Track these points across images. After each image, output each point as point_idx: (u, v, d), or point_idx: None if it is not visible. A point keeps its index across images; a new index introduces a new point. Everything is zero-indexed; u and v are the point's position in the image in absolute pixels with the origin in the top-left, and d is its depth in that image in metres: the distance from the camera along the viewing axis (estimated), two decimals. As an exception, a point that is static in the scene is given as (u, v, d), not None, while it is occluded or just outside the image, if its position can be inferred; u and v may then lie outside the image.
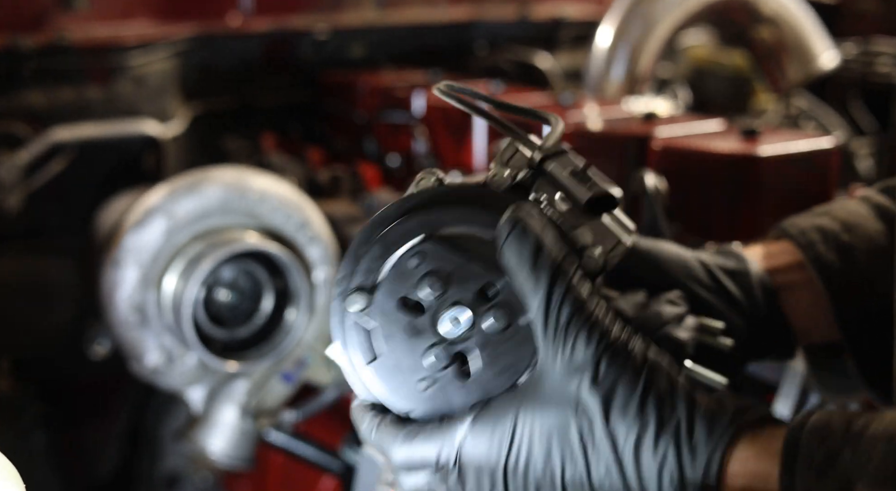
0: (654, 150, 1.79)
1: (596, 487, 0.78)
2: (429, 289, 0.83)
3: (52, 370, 2.19)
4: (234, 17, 2.45)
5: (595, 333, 0.78)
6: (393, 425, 0.85)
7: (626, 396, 0.77)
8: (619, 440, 0.77)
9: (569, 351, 0.78)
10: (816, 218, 1.23)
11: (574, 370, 0.78)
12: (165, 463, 2.30)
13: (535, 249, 0.80)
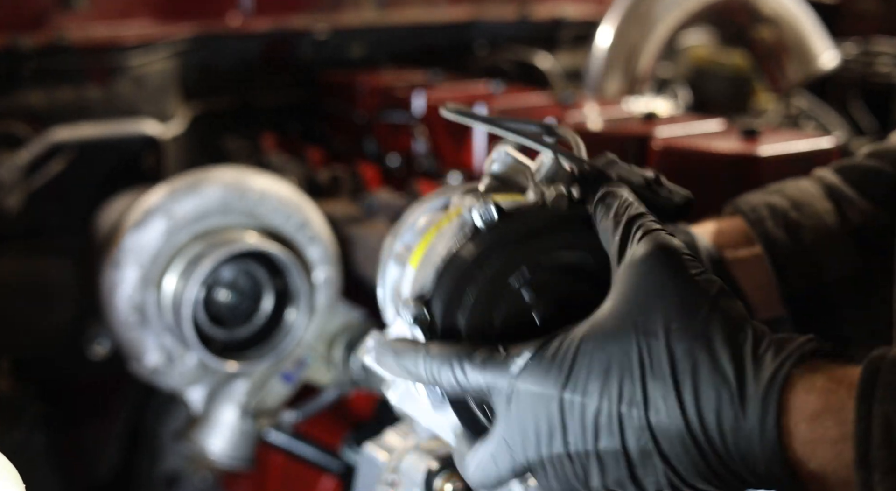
0: (654, 150, 1.79)
1: (651, 416, 0.72)
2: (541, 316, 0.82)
3: (52, 370, 2.19)
4: (234, 17, 2.45)
5: (665, 258, 0.75)
6: (447, 348, 0.81)
7: (689, 317, 0.72)
8: (679, 362, 0.71)
9: (638, 254, 0.76)
10: (768, 195, 1.25)
11: (642, 279, 0.74)
12: (165, 463, 2.30)
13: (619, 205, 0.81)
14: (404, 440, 1.42)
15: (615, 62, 2.44)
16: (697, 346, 0.71)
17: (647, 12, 2.43)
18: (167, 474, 2.31)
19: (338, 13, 2.58)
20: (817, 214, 1.21)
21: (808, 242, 1.19)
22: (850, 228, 1.20)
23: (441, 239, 0.95)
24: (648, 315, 0.73)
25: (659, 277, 0.74)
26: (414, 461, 1.34)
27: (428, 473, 1.31)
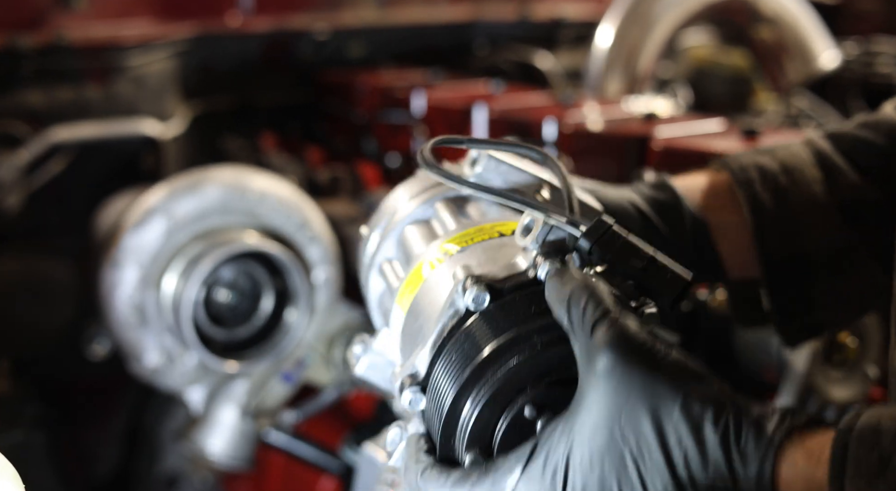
0: (654, 151, 1.79)
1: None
2: None
3: (52, 370, 2.19)
4: (234, 17, 2.45)
5: (625, 346, 0.77)
6: (440, 470, 0.84)
7: (669, 405, 0.75)
8: (673, 453, 0.75)
9: (602, 365, 0.77)
10: (758, 156, 1.24)
11: (613, 389, 0.76)
12: (165, 463, 2.30)
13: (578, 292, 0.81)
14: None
15: (615, 62, 2.43)
16: (686, 440, 0.74)
17: (647, 12, 2.43)
18: (167, 475, 2.31)
19: (337, 13, 2.58)
20: (806, 182, 1.20)
21: (794, 210, 1.19)
22: (837, 201, 1.19)
23: (428, 293, 0.96)
24: (631, 424, 0.75)
25: (630, 384, 0.76)
26: (414, 461, 1.34)
27: (428, 473, 1.31)
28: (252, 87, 2.50)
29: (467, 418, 0.84)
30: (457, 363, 0.85)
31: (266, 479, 2.18)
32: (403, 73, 2.47)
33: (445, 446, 0.86)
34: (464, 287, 0.86)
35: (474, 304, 0.85)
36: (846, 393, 1.46)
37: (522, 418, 0.83)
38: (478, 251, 0.95)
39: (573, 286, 0.81)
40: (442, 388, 0.85)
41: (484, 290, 0.85)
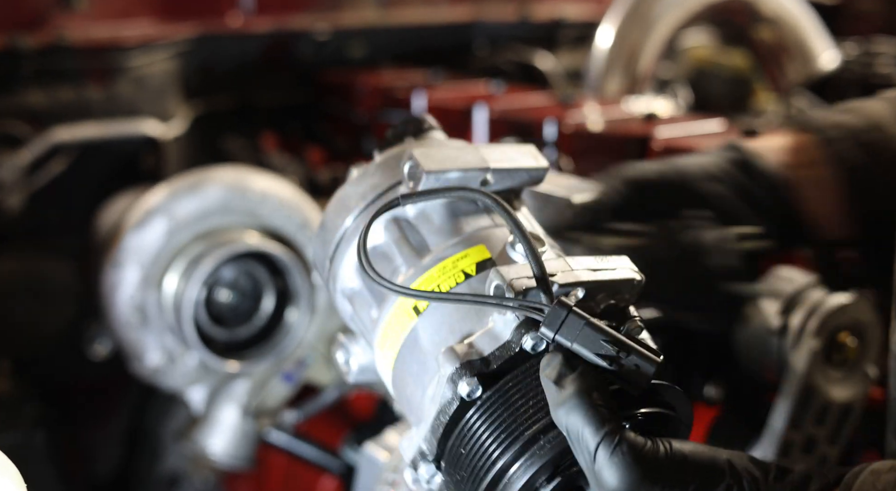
0: (654, 150, 1.79)
1: None
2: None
3: (53, 371, 2.19)
4: (235, 18, 2.45)
5: (626, 469, 0.78)
6: None
7: None
8: None
9: (608, 480, 0.78)
10: (837, 115, 1.21)
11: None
12: (166, 463, 2.31)
13: None
14: (405, 440, 1.42)
15: (615, 62, 2.44)
16: None
17: (648, 12, 2.43)
18: (168, 474, 2.31)
19: (338, 13, 2.58)
20: (894, 137, 1.17)
21: (885, 166, 1.16)
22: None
23: (412, 361, 0.94)
24: None
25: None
26: (415, 461, 1.34)
27: (429, 472, 1.31)
28: (253, 88, 2.50)
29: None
30: (469, 464, 0.86)
31: (267, 478, 2.18)
32: (404, 73, 2.47)
33: None
34: (454, 379, 0.85)
35: (469, 396, 0.85)
36: (846, 393, 1.46)
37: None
38: (452, 311, 0.92)
39: (565, 400, 0.80)
40: (461, 483, 0.87)
41: (476, 383, 0.85)
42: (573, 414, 0.79)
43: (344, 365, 1.06)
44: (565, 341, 0.82)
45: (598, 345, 0.81)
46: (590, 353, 0.82)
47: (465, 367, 0.85)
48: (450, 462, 0.87)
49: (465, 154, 1.00)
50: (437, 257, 0.96)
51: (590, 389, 0.79)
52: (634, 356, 0.81)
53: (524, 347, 0.85)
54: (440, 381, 0.87)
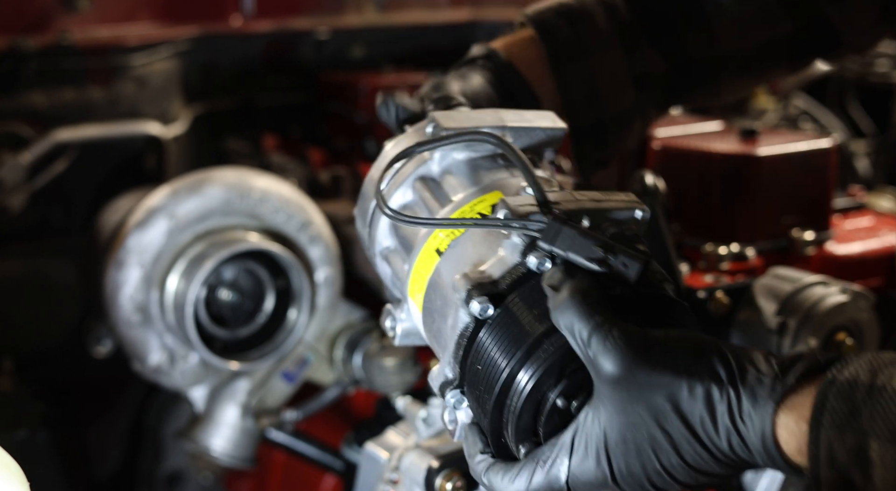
0: (654, 150, 1.80)
1: (691, 463, 0.84)
2: None
3: (55, 370, 2.20)
4: (236, 19, 2.46)
5: (620, 354, 0.84)
6: (501, 466, 0.93)
7: (675, 395, 0.82)
8: (694, 422, 0.82)
9: (605, 374, 0.84)
10: (565, 27, 1.39)
11: (623, 392, 0.84)
12: (167, 462, 2.31)
13: None
14: (405, 439, 1.43)
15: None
16: (702, 414, 0.83)
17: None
18: (169, 473, 2.32)
19: (339, 14, 2.59)
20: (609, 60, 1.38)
21: (599, 81, 1.37)
22: (634, 74, 1.38)
23: (436, 296, 1.02)
24: (649, 409, 0.83)
25: (635, 385, 0.84)
26: (415, 460, 1.35)
27: (429, 471, 1.32)
28: (254, 88, 2.51)
29: (510, 418, 0.91)
30: (484, 378, 0.92)
31: (268, 477, 2.19)
32: (405, 74, 2.48)
33: (495, 439, 0.94)
34: (467, 298, 0.92)
35: (481, 314, 0.92)
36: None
37: (558, 408, 0.90)
38: (468, 246, 1.00)
39: (562, 300, 0.87)
40: (481, 394, 0.93)
41: (486, 301, 0.92)
42: (568, 311, 0.86)
43: (390, 331, 1.13)
44: (560, 251, 0.90)
45: (589, 250, 0.89)
46: (582, 259, 0.89)
47: (477, 288, 0.93)
48: (470, 382, 0.94)
49: (483, 115, 1.10)
50: (456, 205, 1.05)
51: (584, 289, 0.87)
52: (622, 256, 0.89)
53: (529, 266, 0.92)
54: (457, 307, 0.94)
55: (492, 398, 0.92)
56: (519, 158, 1.00)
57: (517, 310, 0.92)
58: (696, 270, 1.64)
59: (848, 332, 1.55)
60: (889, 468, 0.73)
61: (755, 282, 1.58)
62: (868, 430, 0.74)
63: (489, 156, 1.09)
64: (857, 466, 0.75)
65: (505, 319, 0.92)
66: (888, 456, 0.73)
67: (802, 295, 1.54)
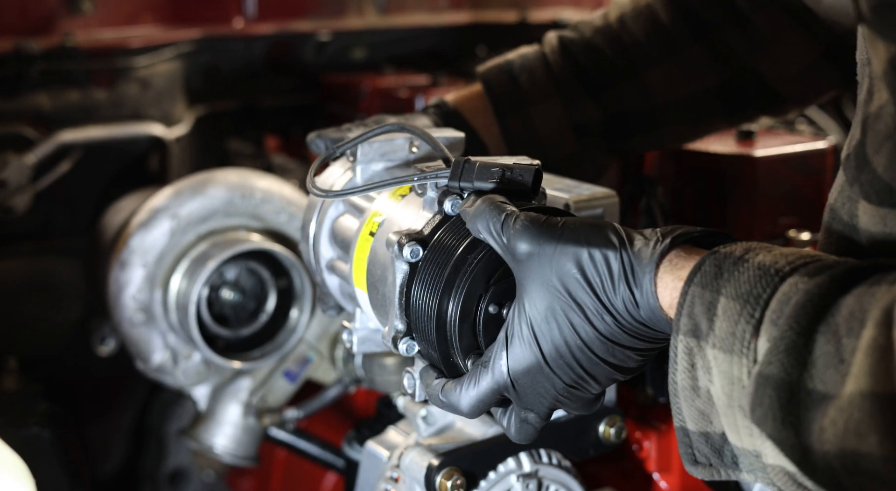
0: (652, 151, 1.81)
1: (603, 333, 0.94)
2: None
3: (59, 369, 2.21)
4: (238, 21, 2.47)
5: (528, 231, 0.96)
6: (454, 382, 1.04)
7: (578, 259, 0.93)
8: (597, 286, 0.93)
9: (519, 254, 0.96)
10: (499, 59, 1.56)
11: (535, 265, 0.95)
12: (170, 460, 2.33)
13: None
14: (406, 437, 1.44)
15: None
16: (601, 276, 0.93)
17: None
18: (172, 471, 2.33)
19: (340, 17, 2.60)
20: (549, 111, 1.51)
21: (538, 132, 1.51)
22: (573, 123, 1.52)
23: (375, 266, 1.15)
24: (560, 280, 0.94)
25: (546, 257, 0.95)
26: (415, 458, 1.37)
27: (429, 469, 1.34)
28: (256, 90, 2.52)
29: (452, 338, 1.02)
30: (424, 307, 1.04)
31: (270, 475, 2.20)
32: (405, 75, 2.49)
33: (448, 365, 1.05)
34: (399, 248, 1.05)
35: (413, 257, 1.05)
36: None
37: (492, 315, 1.02)
38: (393, 216, 1.15)
39: (475, 209, 1.00)
40: (424, 328, 1.04)
41: (416, 244, 1.04)
42: (482, 215, 0.99)
43: (347, 343, 1.26)
44: (467, 183, 1.05)
45: (490, 173, 1.04)
46: (486, 182, 1.04)
47: (405, 237, 1.05)
48: (415, 322, 1.06)
49: (395, 137, 1.26)
50: (380, 196, 1.21)
51: (491, 197, 1.01)
52: (517, 170, 1.04)
53: (446, 210, 1.06)
54: (393, 262, 1.06)
55: (433, 325, 1.02)
56: (422, 132, 1.14)
57: (441, 245, 1.04)
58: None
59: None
60: (728, 320, 0.84)
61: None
62: (721, 289, 0.86)
63: (402, 163, 1.25)
64: (705, 316, 0.86)
65: (432, 255, 1.04)
66: (729, 310, 0.84)
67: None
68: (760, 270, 0.85)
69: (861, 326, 0.76)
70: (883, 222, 0.91)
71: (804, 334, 0.79)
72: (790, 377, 0.79)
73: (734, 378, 0.84)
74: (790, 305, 0.81)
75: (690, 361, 0.88)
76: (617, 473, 1.57)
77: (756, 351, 0.82)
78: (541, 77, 1.52)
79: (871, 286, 0.79)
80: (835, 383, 0.77)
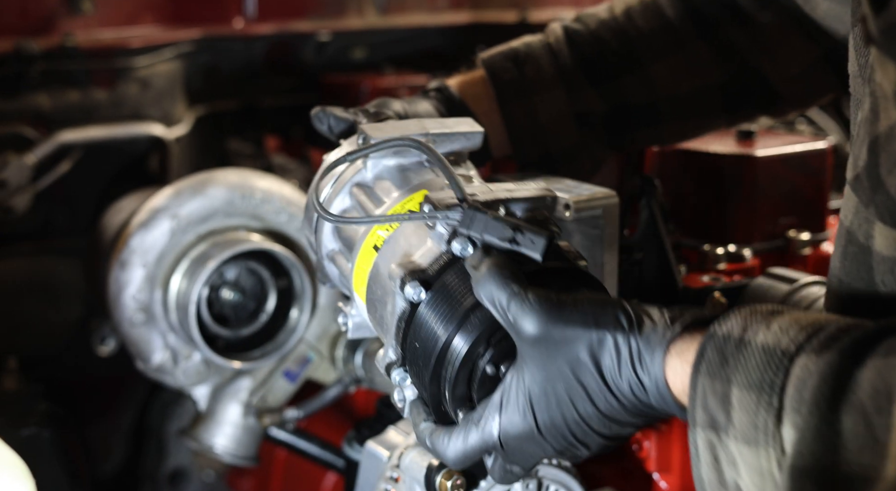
0: (652, 151, 1.81)
1: (604, 411, 0.93)
2: None
3: (59, 369, 2.21)
4: (238, 21, 2.47)
5: (535, 316, 0.93)
6: (443, 431, 1.03)
7: (582, 345, 0.92)
8: (604, 370, 0.91)
9: (525, 335, 0.93)
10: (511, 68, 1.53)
11: (541, 350, 0.93)
12: (170, 460, 2.33)
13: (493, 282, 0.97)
14: (406, 437, 1.44)
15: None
16: (609, 359, 0.92)
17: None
18: (172, 471, 2.33)
19: (340, 17, 2.60)
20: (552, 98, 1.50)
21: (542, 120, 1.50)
22: (575, 112, 1.51)
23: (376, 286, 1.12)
24: (567, 361, 0.93)
25: (552, 342, 0.93)
26: (415, 458, 1.37)
27: (429, 469, 1.33)
28: (256, 90, 2.52)
29: (446, 391, 1.02)
30: (421, 354, 1.03)
31: (270, 475, 2.20)
32: (405, 76, 2.49)
33: (436, 407, 1.04)
34: (402, 284, 1.03)
35: (415, 297, 1.03)
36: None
37: (488, 375, 1.00)
38: (401, 240, 1.11)
39: (481, 275, 0.96)
40: (418, 368, 1.04)
41: (419, 285, 1.02)
42: (488, 284, 0.95)
43: (343, 326, 1.24)
44: (476, 234, 1.00)
45: (500, 231, 0.99)
46: (496, 239, 0.99)
47: (409, 275, 1.03)
48: (410, 359, 1.05)
49: (408, 125, 1.22)
50: (388, 205, 1.16)
51: (500, 264, 0.96)
52: (529, 233, 0.99)
53: (454, 251, 1.02)
54: (394, 294, 1.04)
55: (428, 372, 1.02)
56: (438, 159, 1.10)
57: (445, 291, 1.02)
58: (693, 270, 1.66)
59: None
60: (745, 411, 0.82)
61: (752, 282, 1.59)
62: (731, 378, 0.84)
63: (416, 161, 1.20)
64: (721, 409, 0.84)
65: (436, 299, 1.02)
66: (745, 400, 0.82)
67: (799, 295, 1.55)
68: (766, 353, 0.82)
69: (890, 403, 0.74)
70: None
71: (829, 418, 0.76)
72: (824, 465, 0.76)
73: (764, 471, 0.82)
74: (808, 390, 0.78)
75: (713, 455, 0.86)
76: (617, 473, 1.57)
77: (782, 440, 0.80)
78: (545, 65, 1.51)
79: (887, 357, 0.77)
80: (874, 467, 0.74)
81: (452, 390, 1.01)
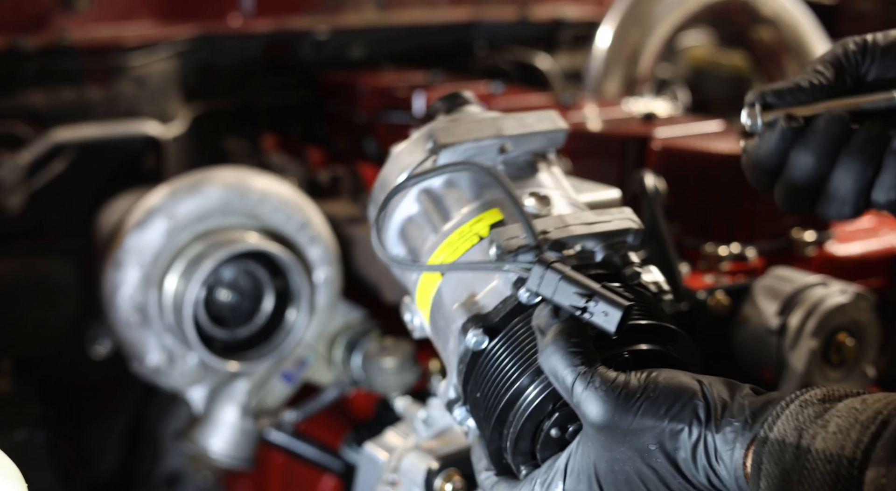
0: (654, 151, 1.80)
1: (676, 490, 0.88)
2: None
3: (54, 370, 2.20)
4: (235, 18, 2.46)
5: (600, 404, 0.87)
6: (506, 483, 1.00)
7: (652, 437, 0.86)
8: (678, 461, 0.86)
9: (589, 419, 0.88)
10: None
11: (607, 435, 0.88)
12: (166, 462, 2.31)
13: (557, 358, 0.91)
14: (404, 440, 1.43)
15: (615, 63, 2.44)
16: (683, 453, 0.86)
17: (647, 13, 2.44)
18: (168, 474, 2.32)
19: (338, 14, 2.59)
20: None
21: None
22: None
23: (439, 316, 1.07)
24: (633, 447, 0.87)
25: (617, 430, 0.87)
26: (414, 461, 1.35)
27: (428, 472, 1.32)
28: (253, 88, 2.51)
29: (507, 447, 0.98)
30: (483, 407, 0.99)
31: (267, 478, 2.19)
32: (404, 73, 2.48)
33: (494, 453, 1.01)
34: (464, 331, 0.99)
35: (477, 346, 0.98)
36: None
37: (553, 437, 0.95)
38: (466, 276, 1.05)
39: (546, 346, 0.90)
40: (481, 414, 1.00)
41: (482, 334, 0.98)
42: (553, 357, 0.89)
43: (409, 323, 1.18)
44: (546, 294, 0.92)
45: (571, 298, 0.91)
46: (566, 302, 0.91)
47: (472, 320, 0.98)
48: (471, 405, 1.01)
49: (482, 126, 1.12)
50: (456, 223, 1.09)
51: (568, 334, 0.90)
52: (602, 303, 0.90)
53: (521, 299, 0.97)
54: (456, 334, 1.00)
55: (489, 424, 0.98)
56: (506, 192, 1.02)
57: (511, 342, 0.97)
58: (696, 270, 1.64)
59: (849, 332, 1.54)
60: None
61: (755, 282, 1.58)
62: None
63: None
64: None
65: (499, 352, 0.97)
66: None
67: (803, 296, 1.54)
68: (830, 462, 0.78)
69: None
70: None
71: None
72: None
73: None
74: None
75: None
76: None
77: None
78: None
79: None
80: None
81: (514, 447, 0.97)
